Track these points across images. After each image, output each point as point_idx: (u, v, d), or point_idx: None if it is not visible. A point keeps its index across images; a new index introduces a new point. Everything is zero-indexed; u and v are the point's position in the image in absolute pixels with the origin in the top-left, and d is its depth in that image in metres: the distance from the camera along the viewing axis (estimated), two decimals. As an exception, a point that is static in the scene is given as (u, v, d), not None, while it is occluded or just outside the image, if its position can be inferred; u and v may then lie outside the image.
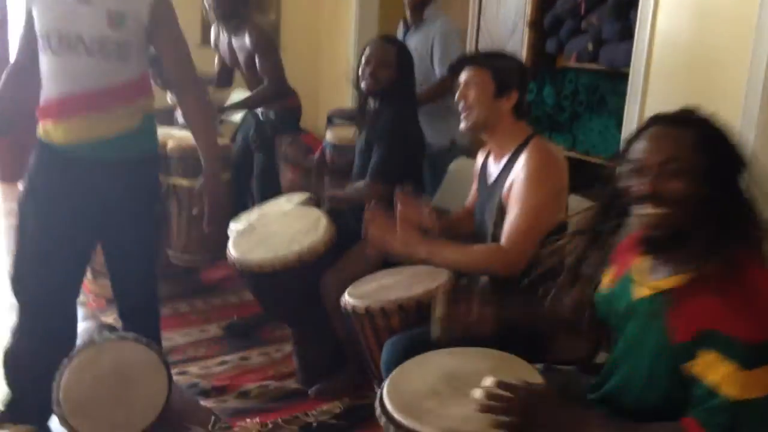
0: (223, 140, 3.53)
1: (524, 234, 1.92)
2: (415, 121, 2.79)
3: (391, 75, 2.71)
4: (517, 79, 2.09)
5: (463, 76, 2.10)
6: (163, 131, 3.64)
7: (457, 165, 3.06)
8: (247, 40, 3.64)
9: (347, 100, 5.85)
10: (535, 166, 1.98)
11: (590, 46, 3.67)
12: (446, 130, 3.44)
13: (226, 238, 3.31)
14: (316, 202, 2.85)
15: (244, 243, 2.54)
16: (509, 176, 2.02)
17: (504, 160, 2.08)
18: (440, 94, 3.39)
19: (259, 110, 3.92)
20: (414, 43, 3.41)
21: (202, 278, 3.73)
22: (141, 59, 2.24)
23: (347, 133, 3.57)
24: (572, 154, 3.91)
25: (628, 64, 3.44)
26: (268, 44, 3.69)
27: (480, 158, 2.31)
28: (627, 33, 3.50)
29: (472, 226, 2.31)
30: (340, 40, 5.89)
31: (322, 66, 6.10)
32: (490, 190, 2.12)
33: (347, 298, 2.11)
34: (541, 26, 4.04)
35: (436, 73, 3.44)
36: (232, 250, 2.51)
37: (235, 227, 2.78)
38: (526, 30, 4.10)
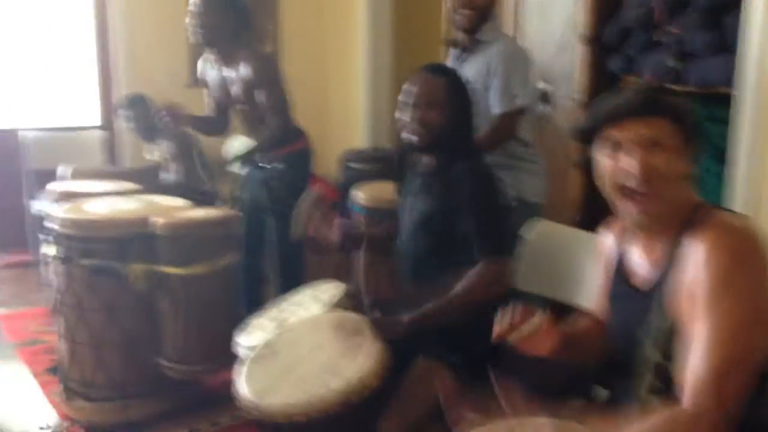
0: (224, 210, 2.79)
1: (722, 383, 1.19)
2: (494, 175, 2.08)
3: (442, 118, 1.99)
4: (696, 129, 1.36)
5: (633, 134, 1.32)
6: (143, 200, 2.91)
7: (538, 232, 2.31)
8: (243, 70, 2.93)
9: (360, 138, 5.14)
10: (723, 263, 1.23)
11: (672, 63, 2.95)
12: (512, 183, 2.69)
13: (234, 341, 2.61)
14: (355, 298, 2.10)
15: (262, 376, 1.79)
16: (677, 274, 1.28)
17: (664, 249, 1.34)
18: (502, 140, 2.65)
19: (261, 161, 3.21)
20: (470, 72, 2.65)
21: (206, 386, 2.96)
22: None
23: (383, 191, 2.84)
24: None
25: (725, 83, 2.74)
26: (271, 74, 3.01)
27: (608, 239, 1.57)
28: (721, 44, 2.80)
29: (600, 341, 1.58)
30: (349, 70, 5.18)
31: (330, 101, 5.38)
32: (643, 296, 1.37)
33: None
34: (600, 40, 3.33)
35: (494, 110, 2.66)
36: (245, 389, 1.76)
37: (245, 343, 2.03)
38: (581, 46, 3.38)
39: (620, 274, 1.46)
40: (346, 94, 5.26)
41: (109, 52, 4.80)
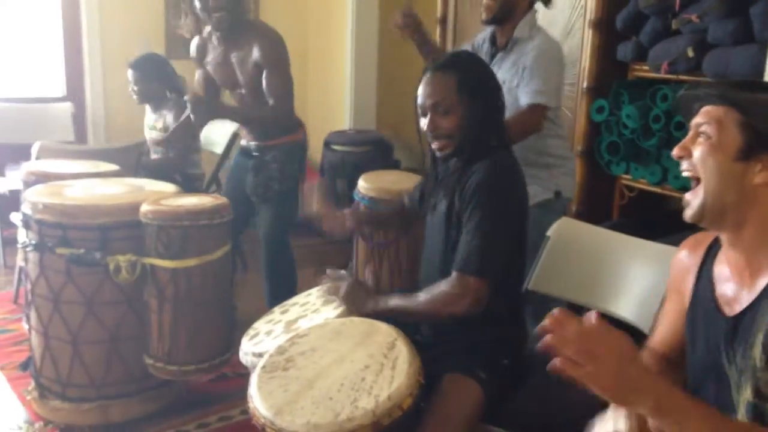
0: (216, 198, 2.57)
1: None
2: (516, 173, 1.86)
3: (459, 123, 1.79)
4: None
5: (695, 120, 1.23)
6: (126, 184, 2.68)
7: (560, 228, 2.15)
8: (254, 51, 2.74)
9: (342, 119, 4.94)
10: None
11: (690, 52, 2.82)
12: (548, 177, 2.54)
13: (227, 339, 2.43)
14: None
15: (278, 390, 1.60)
16: None
17: (765, 277, 1.18)
18: (523, 133, 2.44)
19: (252, 144, 3.01)
20: (503, 73, 2.48)
21: (193, 385, 2.76)
22: None
23: (387, 181, 2.66)
24: (660, 190, 3.07)
25: (748, 75, 2.64)
26: (280, 55, 2.82)
27: (685, 257, 1.41)
28: (745, 34, 2.68)
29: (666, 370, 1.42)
30: (331, 47, 4.96)
31: (310, 80, 5.16)
32: (729, 321, 1.22)
33: None
34: (610, 25, 3.19)
35: (521, 101, 2.47)
36: (258, 405, 1.57)
37: (252, 349, 1.84)
38: (589, 31, 3.24)
39: (703, 295, 1.30)
40: (328, 72, 5.04)
41: (80, 19, 4.48)
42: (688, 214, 1.23)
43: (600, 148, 3.23)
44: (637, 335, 1.58)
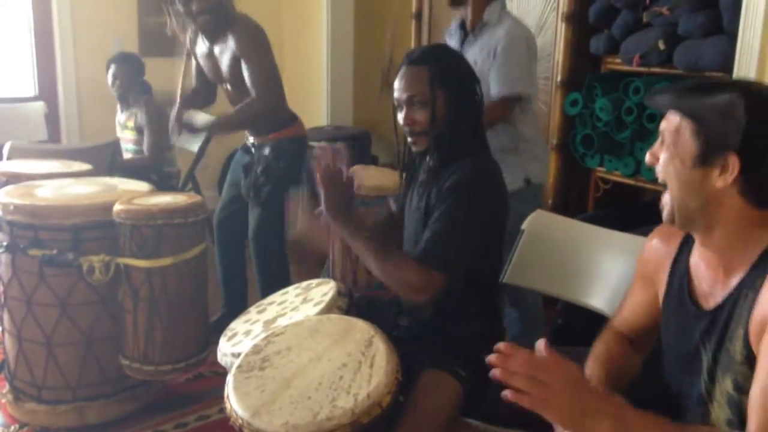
0: (191, 196, 2.56)
1: None
2: (496, 176, 1.84)
3: (434, 113, 1.77)
4: (739, 133, 1.12)
5: (661, 126, 1.23)
6: (99, 183, 2.65)
7: (534, 221, 2.16)
8: (231, 41, 2.73)
9: (319, 115, 4.92)
10: None
11: (661, 44, 2.84)
12: (519, 166, 2.56)
13: (203, 338, 2.42)
14: (349, 297, 1.92)
15: (255, 390, 1.59)
16: (758, 304, 1.12)
17: (738, 275, 1.19)
18: (490, 124, 2.46)
19: (250, 142, 2.98)
20: (473, 55, 2.51)
21: (170, 385, 2.74)
22: None
23: (368, 176, 2.65)
24: (634, 182, 3.10)
25: (717, 67, 2.66)
26: (257, 44, 2.78)
27: (659, 247, 1.40)
28: (715, 26, 2.71)
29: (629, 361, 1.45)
30: (308, 42, 4.94)
31: (287, 74, 5.10)
32: (706, 315, 1.23)
33: None
34: (583, 19, 3.21)
35: (491, 91, 2.51)
36: (235, 406, 1.56)
37: (229, 350, 1.83)
38: (562, 25, 3.25)
39: (678, 287, 1.31)
40: (304, 68, 5.02)
41: (52, 17, 4.42)
42: (664, 215, 1.24)
43: (574, 141, 3.25)
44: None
